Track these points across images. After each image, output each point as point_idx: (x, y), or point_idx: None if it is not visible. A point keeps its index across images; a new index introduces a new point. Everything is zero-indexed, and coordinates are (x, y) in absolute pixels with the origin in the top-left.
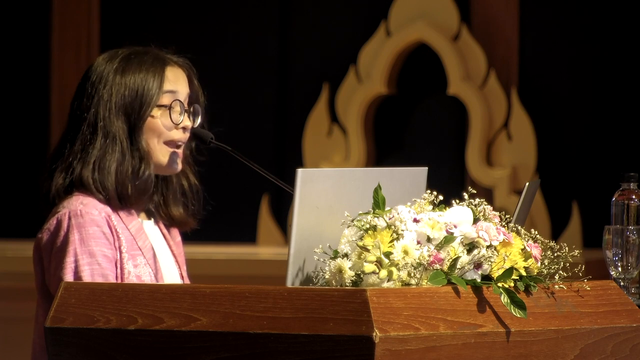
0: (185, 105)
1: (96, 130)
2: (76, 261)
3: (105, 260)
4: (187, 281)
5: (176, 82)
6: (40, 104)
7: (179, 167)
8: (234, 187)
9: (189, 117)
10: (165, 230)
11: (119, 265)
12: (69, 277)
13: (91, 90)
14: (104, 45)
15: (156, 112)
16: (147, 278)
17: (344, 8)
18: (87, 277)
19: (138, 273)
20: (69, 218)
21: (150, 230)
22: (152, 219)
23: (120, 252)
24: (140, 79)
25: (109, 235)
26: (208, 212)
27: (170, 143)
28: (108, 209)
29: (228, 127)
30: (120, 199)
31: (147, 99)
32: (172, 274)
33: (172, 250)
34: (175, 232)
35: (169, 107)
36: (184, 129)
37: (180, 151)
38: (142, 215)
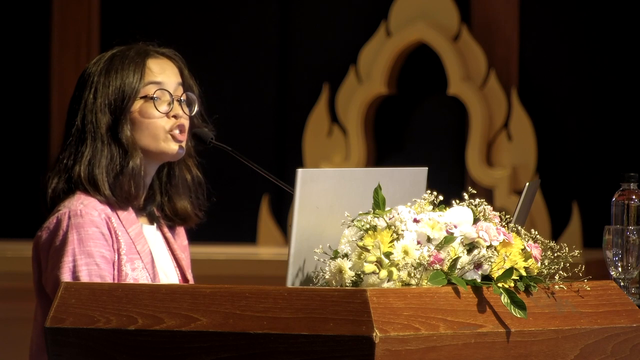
0: (178, 95)
1: (85, 133)
2: (74, 261)
3: (104, 261)
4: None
5: (161, 73)
6: (40, 104)
7: (176, 151)
8: (234, 187)
9: (179, 105)
10: (169, 235)
11: (116, 267)
12: (66, 276)
13: (79, 95)
14: (104, 45)
15: (138, 103)
16: (144, 282)
17: (344, 8)
18: (84, 278)
19: (135, 276)
20: (69, 217)
21: (150, 235)
22: (155, 224)
23: (119, 255)
24: (121, 74)
25: (108, 237)
26: (208, 212)
27: (169, 133)
28: (108, 210)
29: (228, 127)
30: (117, 197)
31: (128, 91)
32: (170, 281)
33: (175, 256)
34: (182, 236)
35: (153, 98)
36: (176, 116)
37: (181, 137)
38: (144, 219)
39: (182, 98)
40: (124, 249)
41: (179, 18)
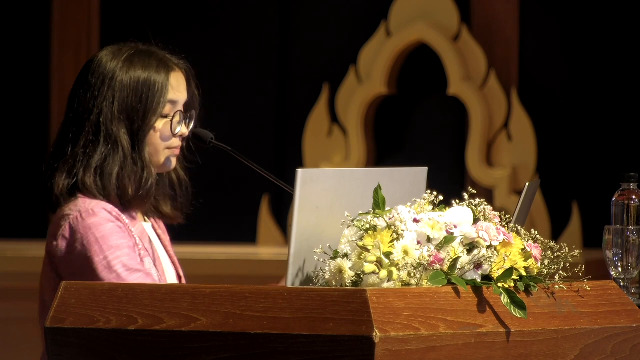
0: (185, 112)
1: (99, 133)
2: (105, 258)
3: (131, 250)
4: (183, 281)
5: (178, 90)
6: (40, 104)
7: (173, 165)
8: (234, 187)
9: (186, 124)
10: (160, 231)
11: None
12: (104, 275)
13: (94, 88)
14: (104, 46)
15: (159, 123)
16: (156, 279)
17: (344, 8)
18: (121, 269)
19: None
20: (82, 219)
21: (149, 232)
22: (149, 222)
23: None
24: (143, 85)
25: (124, 229)
26: (208, 212)
27: (170, 149)
28: (116, 210)
29: (228, 127)
30: (122, 202)
31: (151, 107)
32: (170, 276)
33: (168, 252)
34: (166, 232)
35: (172, 119)
36: (182, 136)
37: (177, 151)
38: (139, 217)
39: (188, 116)
40: (139, 245)
41: (179, 18)
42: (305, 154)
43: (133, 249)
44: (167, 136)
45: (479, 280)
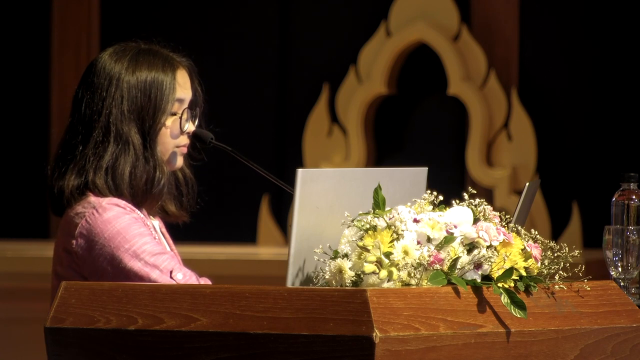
0: (191, 110)
1: (109, 133)
2: (130, 247)
3: (151, 237)
4: None
5: (184, 88)
6: (40, 104)
7: (181, 163)
8: (234, 187)
9: (192, 122)
10: (164, 230)
11: None
12: (133, 264)
13: (101, 89)
14: (104, 46)
15: (168, 120)
16: (180, 261)
17: (344, 8)
18: (148, 256)
19: None
20: (99, 214)
21: (158, 231)
22: (157, 220)
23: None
24: (151, 84)
25: (139, 219)
26: (208, 212)
27: (179, 148)
28: (129, 205)
29: (228, 127)
30: (134, 201)
31: (161, 106)
32: None
33: (173, 251)
34: (167, 234)
35: (181, 117)
36: (189, 133)
37: (184, 149)
38: (147, 215)
39: (194, 113)
40: (155, 237)
41: (179, 18)
42: (305, 154)
43: (153, 236)
44: (176, 134)
45: (479, 280)
